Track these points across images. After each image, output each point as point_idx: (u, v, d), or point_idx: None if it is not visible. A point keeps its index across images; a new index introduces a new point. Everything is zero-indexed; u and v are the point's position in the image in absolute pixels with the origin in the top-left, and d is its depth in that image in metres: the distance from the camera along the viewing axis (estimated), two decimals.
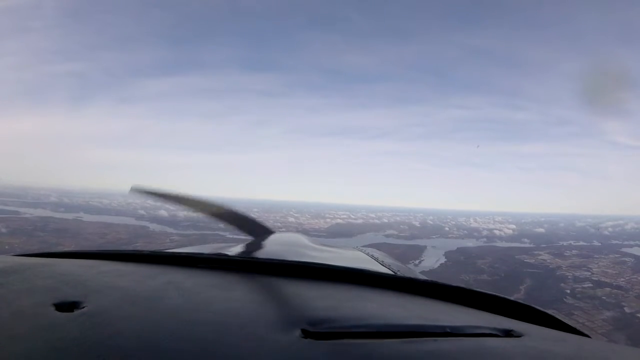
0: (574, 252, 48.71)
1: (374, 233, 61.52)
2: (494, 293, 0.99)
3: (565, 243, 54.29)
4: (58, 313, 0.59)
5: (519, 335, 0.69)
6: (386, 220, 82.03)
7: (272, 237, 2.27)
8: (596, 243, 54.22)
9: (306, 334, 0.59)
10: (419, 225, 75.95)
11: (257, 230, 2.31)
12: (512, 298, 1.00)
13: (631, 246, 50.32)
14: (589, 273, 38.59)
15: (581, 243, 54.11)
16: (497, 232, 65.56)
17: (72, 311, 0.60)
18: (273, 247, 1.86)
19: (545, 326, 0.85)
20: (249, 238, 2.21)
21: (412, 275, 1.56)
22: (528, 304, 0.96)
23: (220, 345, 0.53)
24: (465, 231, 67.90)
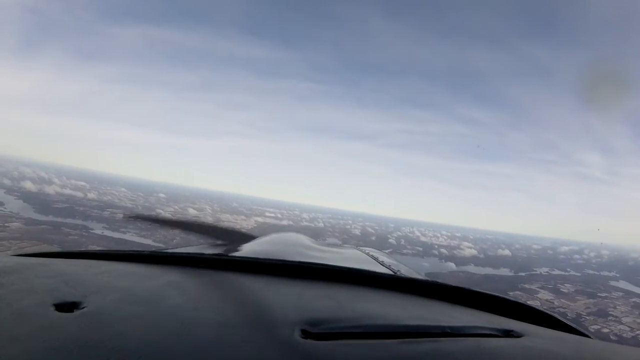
0: (567, 286, 38.82)
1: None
2: (494, 293, 0.97)
3: (543, 272, 44.66)
4: (58, 313, 0.58)
5: (519, 336, 0.69)
6: (321, 224, 66.11)
7: (272, 237, 2.27)
8: (574, 272, 45.94)
9: (306, 334, 0.58)
10: (359, 233, 62.39)
11: (234, 237, 2.10)
12: (511, 298, 0.97)
13: (616, 279, 42.87)
14: (621, 325, 28.37)
15: (557, 272, 45.25)
16: (457, 251, 54.39)
17: (72, 311, 0.59)
18: (273, 247, 1.87)
19: (545, 326, 0.84)
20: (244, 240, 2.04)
21: (412, 276, 1.56)
22: (528, 304, 0.95)
23: (220, 346, 0.53)
24: (420, 247, 55.38)
